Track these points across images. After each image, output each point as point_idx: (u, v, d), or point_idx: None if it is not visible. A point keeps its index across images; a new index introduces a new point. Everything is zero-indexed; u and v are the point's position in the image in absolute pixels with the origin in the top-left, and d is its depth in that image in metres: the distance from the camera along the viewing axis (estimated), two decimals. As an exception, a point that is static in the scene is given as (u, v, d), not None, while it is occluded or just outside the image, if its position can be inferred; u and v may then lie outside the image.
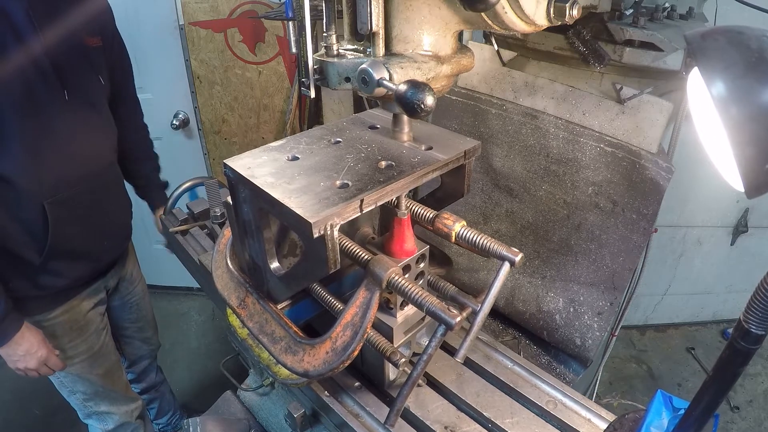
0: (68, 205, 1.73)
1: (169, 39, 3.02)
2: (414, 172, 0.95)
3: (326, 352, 0.98)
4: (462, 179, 1.13)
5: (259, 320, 1.10)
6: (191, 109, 3.27)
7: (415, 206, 1.09)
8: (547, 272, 1.62)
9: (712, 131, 0.72)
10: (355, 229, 1.22)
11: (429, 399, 1.22)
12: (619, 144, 1.45)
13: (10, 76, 1.51)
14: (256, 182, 0.92)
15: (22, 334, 1.71)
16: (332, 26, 0.98)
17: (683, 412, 0.78)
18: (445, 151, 1.03)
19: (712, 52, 0.63)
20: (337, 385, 1.26)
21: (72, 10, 1.69)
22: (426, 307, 0.92)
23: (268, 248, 1.04)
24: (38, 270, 1.74)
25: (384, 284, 0.94)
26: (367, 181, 0.92)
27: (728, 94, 0.61)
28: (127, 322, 2.36)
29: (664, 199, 1.39)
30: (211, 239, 1.80)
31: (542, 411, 1.19)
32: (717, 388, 0.69)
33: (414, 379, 1.02)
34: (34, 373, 1.80)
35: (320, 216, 0.82)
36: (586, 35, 1.42)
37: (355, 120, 1.21)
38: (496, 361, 1.32)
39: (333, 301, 1.09)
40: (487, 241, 0.99)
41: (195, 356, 3.63)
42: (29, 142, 1.59)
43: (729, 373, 0.67)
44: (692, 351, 3.72)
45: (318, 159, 1.01)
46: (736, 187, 0.68)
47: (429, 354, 1.00)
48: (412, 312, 1.13)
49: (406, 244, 1.06)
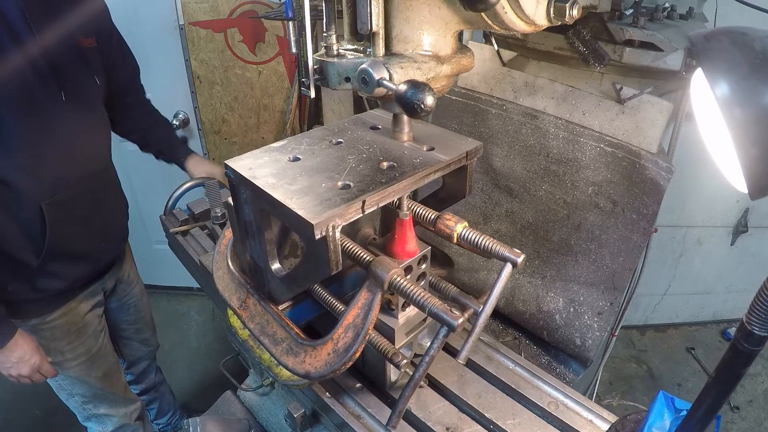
0: (66, 206, 1.73)
1: (169, 39, 3.01)
2: (416, 173, 0.95)
3: (328, 353, 0.97)
4: (464, 180, 1.13)
5: (260, 321, 1.10)
6: (191, 109, 3.27)
7: (417, 207, 1.09)
8: (547, 272, 1.62)
9: (716, 132, 0.72)
10: (356, 230, 1.22)
11: (430, 400, 1.22)
12: (619, 144, 1.45)
13: (7, 76, 1.50)
14: (258, 183, 0.92)
15: (15, 341, 1.70)
16: (332, 26, 0.98)
17: (685, 413, 0.78)
18: (447, 152, 1.03)
19: (715, 53, 0.63)
20: (338, 386, 1.26)
21: (67, 10, 1.69)
22: (428, 308, 0.92)
23: (269, 249, 1.03)
24: (36, 272, 1.74)
25: (386, 286, 0.94)
26: (368, 182, 0.91)
27: (732, 96, 0.60)
28: (125, 323, 2.36)
29: (664, 199, 1.39)
30: (211, 240, 1.80)
31: (544, 412, 1.19)
32: (719, 390, 0.69)
33: (416, 380, 1.02)
34: (26, 380, 1.80)
35: (322, 217, 0.82)
36: (586, 35, 1.42)
37: (356, 120, 1.21)
38: (497, 362, 1.32)
39: (334, 302, 1.09)
40: (489, 242, 0.99)
41: (195, 356, 3.63)
42: (28, 143, 1.59)
43: (731, 374, 0.67)
44: (692, 351, 3.72)
45: (319, 160, 1.01)
46: (740, 189, 0.67)
47: (431, 355, 0.99)
48: (413, 313, 1.13)
49: (407, 245, 1.06)
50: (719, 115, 0.61)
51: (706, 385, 0.70)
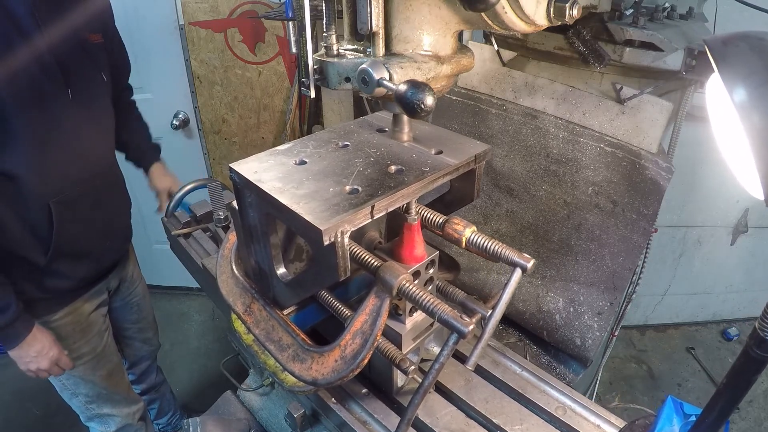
0: (73, 205, 1.73)
1: (169, 39, 3.01)
2: (425, 178, 0.93)
3: (335, 360, 0.96)
4: (472, 184, 1.11)
5: (265, 327, 1.08)
6: (191, 109, 3.27)
7: (425, 211, 1.07)
8: (547, 272, 1.62)
9: (732, 137, 0.71)
10: (362, 234, 1.21)
11: (437, 406, 1.21)
12: (619, 144, 1.45)
13: (14, 72, 1.50)
14: (264, 187, 0.91)
15: (33, 335, 1.70)
16: (332, 26, 0.98)
17: (694, 418, 0.77)
18: (455, 155, 1.01)
19: (733, 58, 0.62)
20: (344, 392, 1.24)
21: (74, 7, 1.69)
22: (438, 315, 0.90)
23: (274, 254, 1.02)
24: (43, 271, 1.74)
25: (394, 292, 0.92)
26: (377, 187, 0.90)
27: (750, 102, 0.60)
28: (128, 322, 2.36)
29: (664, 199, 1.39)
30: (214, 242, 1.78)
31: (551, 417, 1.17)
32: (730, 396, 0.68)
33: (425, 388, 1.00)
34: (45, 374, 1.80)
35: (331, 223, 0.80)
36: (586, 35, 1.42)
37: (362, 123, 1.20)
38: (504, 366, 1.30)
39: (340, 307, 1.07)
40: (499, 247, 0.96)
41: (195, 356, 3.63)
42: (36, 140, 1.59)
43: (743, 380, 0.66)
44: (692, 351, 3.72)
45: (326, 163, 0.99)
46: (756, 195, 0.66)
47: (441, 363, 0.97)
48: (421, 318, 1.11)
49: (416, 250, 1.04)
50: (737, 120, 0.61)
51: (717, 390, 0.69)
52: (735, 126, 0.62)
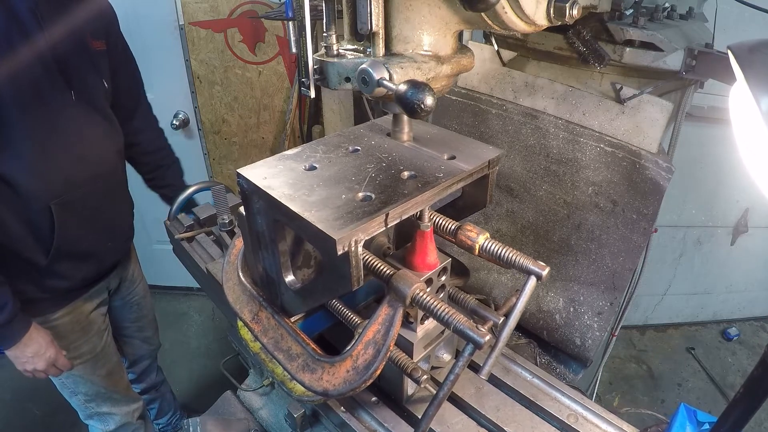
0: (74, 207, 1.73)
1: (169, 39, 3.01)
2: (439, 184, 0.91)
3: (347, 370, 0.93)
4: (484, 189, 1.07)
5: (274, 336, 1.06)
6: (191, 109, 3.27)
7: (437, 217, 1.04)
8: (547, 272, 1.62)
9: (757, 146, 0.69)
10: (371, 239, 1.20)
11: (448, 414, 1.19)
12: (619, 144, 1.45)
13: (16, 72, 1.50)
14: (274, 194, 0.88)
15: (30, 335, 1.70)
16: (332, 26, 0.98)
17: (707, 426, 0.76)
18: (468, 161, 0.99)
19: (761, 66, 0.61)
20: (353, 401, 1.22)
21: (77, 12, 1.69)
22: (453, 325, 0.87)
23: (283, 261, 0.99)
24: (44, 272, 1.74)
25: (408, 301, 0.90)
26: (390, 194, 0.87)
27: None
28: (128, 321, 2.36)
29: (664, 199, 1.39)
30: (218, 246, 1.74)
31: (563, 425, 1.16)
32: (746, 405, 0.67)
33: (440, 400, 0.98)
34: (42, 375, 1.80)
35: (344, 232, 0.77)
36: (586, 35, 1.42)
37: (372, 126, 1.16)
38: (515, 373, 1.28)
39: (349, 314, 1.06)
40: (513, 255, 0.94)
41: (195, 356, 3.63)
42: (37, 142, 1.59)
43: (761, 389, 0.65)
44: (692, 351, 3.72)
45: (337, 169, 0.96)
46: None
47: (456, 374, 0.94)
48: (432, 326, 1.09)
49: (428, 258, 1.02)
50: (763, 128, 0.59)
51: (733, 399, 0.68)
52: (761, 134, 0.60)
